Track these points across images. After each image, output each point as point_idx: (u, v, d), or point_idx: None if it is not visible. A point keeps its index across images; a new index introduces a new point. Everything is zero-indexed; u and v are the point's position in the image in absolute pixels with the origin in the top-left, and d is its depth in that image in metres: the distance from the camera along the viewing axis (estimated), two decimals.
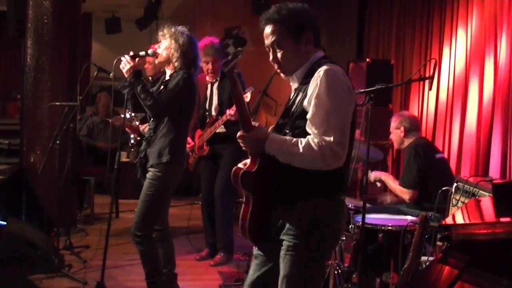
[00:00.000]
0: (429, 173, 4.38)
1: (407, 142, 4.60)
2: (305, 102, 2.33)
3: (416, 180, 4.37)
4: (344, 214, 2.50)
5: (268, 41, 2.45)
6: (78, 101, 4.98)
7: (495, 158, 4.92)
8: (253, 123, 2.36)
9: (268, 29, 2.44)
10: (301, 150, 2.25)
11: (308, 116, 2.30)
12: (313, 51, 2.46)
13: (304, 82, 2.41)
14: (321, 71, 2.31)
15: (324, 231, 2.36)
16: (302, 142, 2.27)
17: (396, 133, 4.65)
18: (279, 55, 2.44)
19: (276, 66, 2.49)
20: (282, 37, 2.41)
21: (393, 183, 4.59)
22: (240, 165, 2.47)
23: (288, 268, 2.34)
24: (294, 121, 2.39)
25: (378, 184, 4.76)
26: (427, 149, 4.54)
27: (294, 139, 2.29)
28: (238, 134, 2.33)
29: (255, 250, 2.56)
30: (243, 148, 2.39)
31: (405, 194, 4.43)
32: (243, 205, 2.43)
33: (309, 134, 2.30)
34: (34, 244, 4.52)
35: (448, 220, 2.45)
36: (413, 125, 4.66)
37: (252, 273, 2.53)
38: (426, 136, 5.96)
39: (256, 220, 2.40)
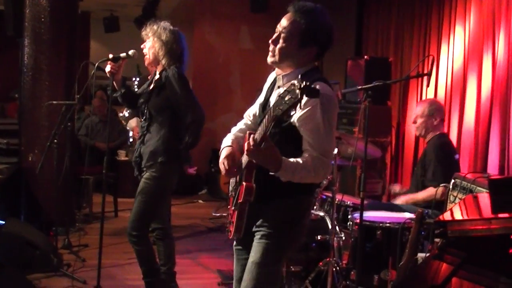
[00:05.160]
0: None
1: (432, 134, 4.44)
2: (296, 118, 2.33)
3: (449, 172, 4.09)
4: (311, 208, 2.71)
5: (281, 25, 2.44)
6: (76, 100, 4.96)
7: (493, 154, 4.92)
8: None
9: (290, 16, 2.43)
10: (312, 173, 2.34)
11: (307, 138, 2.36)
12: (309, 63, 2.47)
13: None
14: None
15: (295, 227, 2.51)
16: (308, 164, 2.33)
17: (428, 120, 4.42)
18: (280, 41, 2.42)
19: (270, 48, 2.47)
20: (293, 34, 2.40)
21: (417, 196, 4.32)
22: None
23: (258, 254, 2.46)
24: (286, 132, 2.40)
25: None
26: (451, 148, 4.47)
27: (301, 162, 2.32)
28: (249, 146, 2.20)
29: (235, 245, 2.71)
30: (251, 158, 2.32)
31: (435, 191, 4.07)
32: (235, 208, 2.53)
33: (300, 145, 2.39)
34: (33, 244, 4.52)
35: (444, 216, 2.45)
36: None
37: (237, 269, 2.68)
38: None
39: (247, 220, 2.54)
